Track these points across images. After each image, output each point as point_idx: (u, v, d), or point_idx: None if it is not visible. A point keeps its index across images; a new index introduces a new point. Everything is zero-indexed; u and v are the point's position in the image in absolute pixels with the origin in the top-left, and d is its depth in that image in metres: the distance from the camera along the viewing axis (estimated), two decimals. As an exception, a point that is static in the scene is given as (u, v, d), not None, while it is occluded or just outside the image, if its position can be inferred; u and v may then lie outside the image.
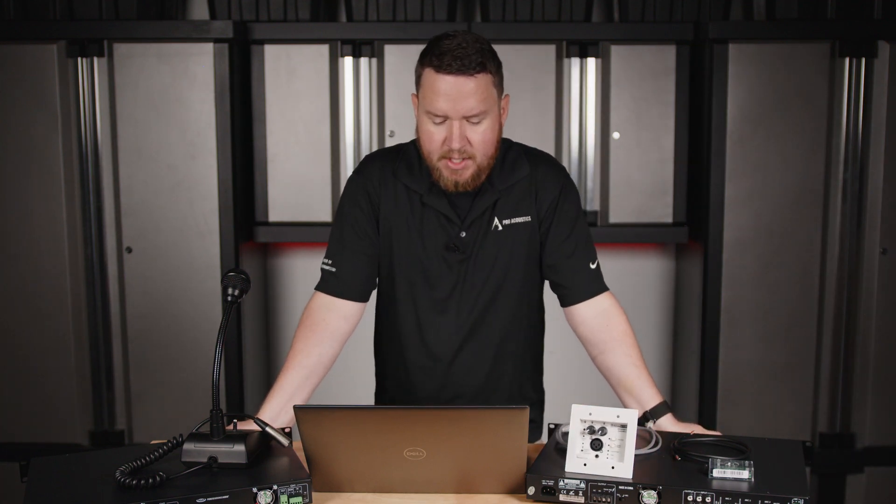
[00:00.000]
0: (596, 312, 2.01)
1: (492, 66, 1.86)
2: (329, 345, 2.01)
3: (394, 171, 2.01)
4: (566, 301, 2.04)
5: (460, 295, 2.01)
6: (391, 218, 2.01)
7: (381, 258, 2.04)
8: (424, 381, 2.05)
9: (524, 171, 2.00)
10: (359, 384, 3.36)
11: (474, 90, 1.82)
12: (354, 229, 2.03)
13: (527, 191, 2.00)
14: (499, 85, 1.89)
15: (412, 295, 2.03)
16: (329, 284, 2.04)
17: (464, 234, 1.98)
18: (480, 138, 1.87)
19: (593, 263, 2.03)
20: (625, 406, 1.92)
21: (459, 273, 2.00)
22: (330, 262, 2.05)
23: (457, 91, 1.82)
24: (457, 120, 1.84)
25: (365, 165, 2.06)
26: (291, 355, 1.99)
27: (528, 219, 2.00)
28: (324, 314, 2.02)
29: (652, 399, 1.90)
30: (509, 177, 1.99)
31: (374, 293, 2.13)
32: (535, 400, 2.17)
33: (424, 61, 1.86)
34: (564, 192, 2.02)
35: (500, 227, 1.99)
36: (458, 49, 1.82)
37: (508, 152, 2.01)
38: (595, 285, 2.03)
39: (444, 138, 1.86)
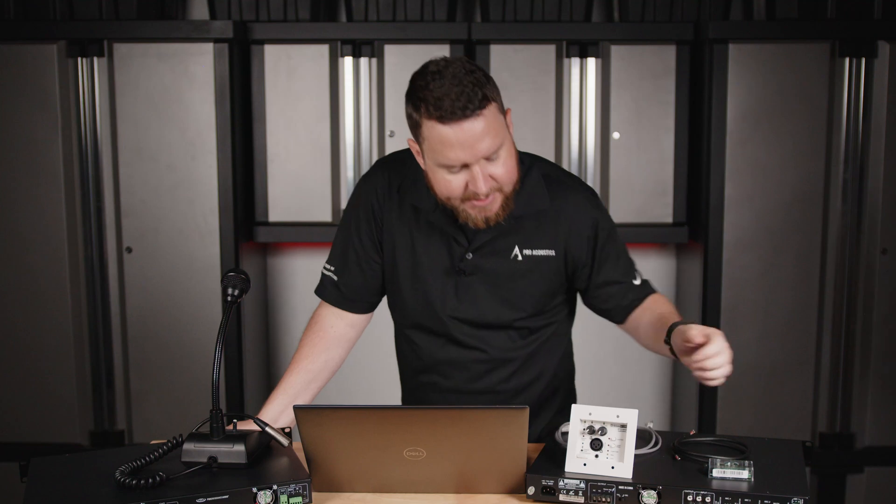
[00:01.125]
0: (640, 310, 1.95)
1: (492, 92, 1.72)
2: (335, 351, 2.01)
3: (399, 185, 1.93)
4: (615, 320, 1.99)
5: (469, 320, 1.93)
6: (395, 235, 1.94)
7: (387, 273, 1.98)
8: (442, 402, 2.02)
9: (543, 202, 1.88)
10: (359, 384, 3.36)
11: (486, 128, 1.69)
12: (359, 237, 1.97)
13: (551, 223, 1.89)
14: (502, 107, 1.76)
15: (418, 318, 1.97)
16: (333, 296, 2.01)
17: (470, 256, 1.89)
18: (503, 170, 1.75)
19: (637, 279, 1.96)
20: (663, 352, 1.83)
21: (468, 299, 1.92)
22: (332, 269, 2.01)
23: (469, 136, 1.69)
24: (476, 164, 1.72)
25: (373, 173, 1.99)
26: (297, 359, 1.98)
27: (551, 253, 1.90)
28: (332, 321, 2.01)
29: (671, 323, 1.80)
30: (526, 205, 1.86)
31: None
32: (561, 410, 2.08)
33: (420, 111, 1.72)
34: (600, 227, 1.92)
35: (521, 258, 1.89)
36: (453, 90, 1.67)
37: (527, 177, 1.88)
38: (639, 296, 1.95)
39: (466, 184, 1.74)
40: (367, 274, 1.98)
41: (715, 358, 1.64)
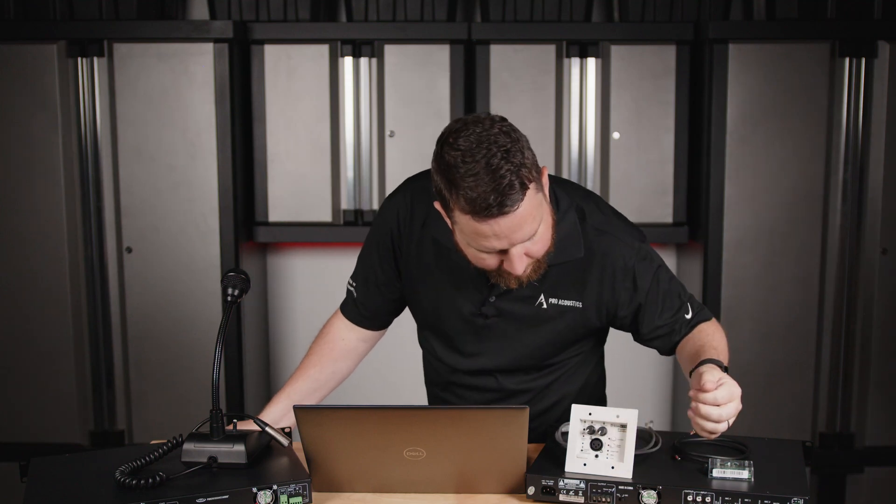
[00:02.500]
0: (684, 341, 1.84)
1: (529, 172, 1.55)
2: (344, 363, 2.01)
3: (424, 218, 1.81)
4: (663, 354, 1.89)
5: (486, 360, 1.88)
6: (413, 270, 1.87)
7: (408, 299, 1.94)
8: None
9: (576, 251, 1.76)
10: (359, 385, 3.36)
11: (524, 218, 1.56)
12: (380, 256, 1.91)
13: (582, 273, 1.78)
14: (538, 179, 1.60)
15: (439, 349, 1.95)
16: (350, 312, 1.99)
17: (493, 300, 1.81)
18: (539, 246, 1.65)
19: (688, 313, 1.84)
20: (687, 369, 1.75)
21: (487, 341, 1.86)
22: (354, 285, 1.97)
23: (507, 229, 1.56)
24: (513, 249, 1.61)
25: (398, 197, 1.87)
26: (304, 366, 1.97)
27: (578, 304, 1.80)
28: (343, 333, 2.01)
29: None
30: (560, 255, 1.74)
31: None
32: None
33: (453, 197, 1.55)
34: (639, 276, 1.80)
35: (546, 305, 1.80)
36: (489, 187, 1.51)
37: (561, 223, 1.74)
38: (687, 330, 1.84)
39: (500, 261, 1.64)
40: (385, 295, 1.96)
41: (713, 409, 1.54)
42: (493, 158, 1.53)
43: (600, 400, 2.08)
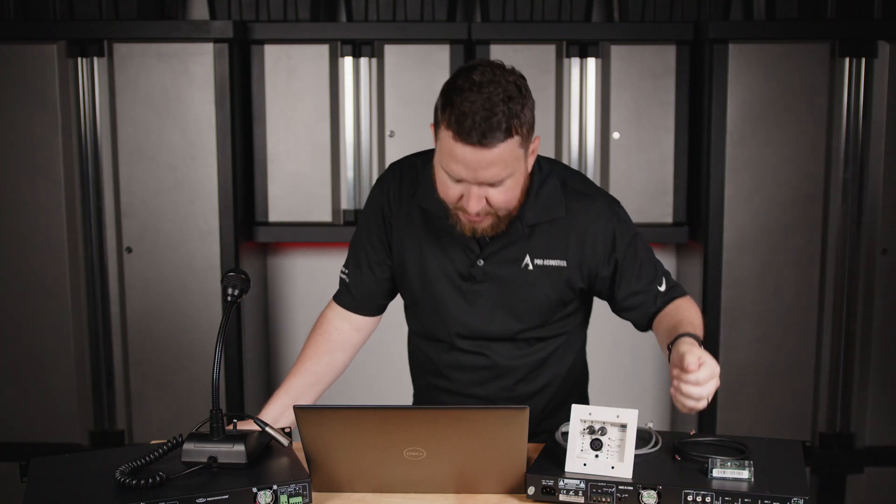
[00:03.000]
0: (662, 315, 1.90)
1: (520, 125, 1.66)
2: (340, 354, 2.00)
3: (412, 190, 1.89)
4: (639, 328, 1.96)
5: (477, 327, 1.92)
6: (404, 241, 1.92)
7: (397, 276, 1.97)
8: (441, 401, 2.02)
9: (558, 211, 1.84)
10: (359, 385, 3.36)
11: (496, 160, 1.65)
12: (369, 246, 1.96)
13: (564, 233, 1.85)
14: (528, 134, 1.70)
15: (425, 320, 1.97)
16: (343, 299, 2.01)
17: (481, 263, 1.86)
18: (502, 198, 1.72)
19: (662, 286, 1.91)
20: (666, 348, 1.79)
21: (477, 306, 1.90)
22: (346, 271, 2.01)
23: (476, 161, 1.65)
24: (475, 185, 1.69)
25: (386, 177, 1.95)
26: (300, 360, 1.98)
27: (562, 263, 1.86)
28: (337, 323, 2.01)
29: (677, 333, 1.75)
30: (541, 214, 1.83)
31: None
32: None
33: (445, 113, 1.65)
34: (618, 238, 1.87)
35: (532, 267, 1.86)
36: (480, 112, 1.61)
37: (544, 186, 1.84)
38: (664, 302, 1.91)
39: (461, 196, 1.71)
40: (377, 275, 1.98)
41: (694, 387, 1.60)
42: (494, 97, 1.63)
43: (582, 395, 2.10)
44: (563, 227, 1.85)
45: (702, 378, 1.60)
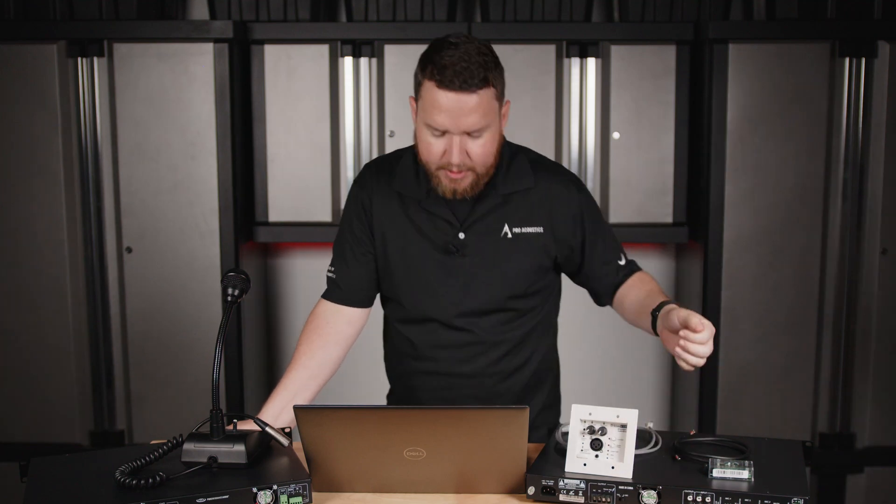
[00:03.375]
0: (626, 287, 2.02)
1: (495, 79, 1.83)
2: (333, 347, 2.02)
3: (389, 180, 2.01)
4: (602, 299, 2.07)
5: (463, 301, 1.98)
6: (385, 225, 2.01)
7: (379, 261, 2.04)
8: (433, 392, 2.05)
9: (529, 182, 1.98)
10: (360, 385, 3.36)
11: (476, 107, 1.80)
12: (353, 236, 2.04)
13: (539, 202, 1.98)
14: (501, 95, 1.87)
15: (411, 303, 2.02)
16: (332, 293, 2.07)
17: (462, 236, 1.96)
18: (480, 151, 1.85)
19: (622, 260, 2.05)
20: (641, 324, 1.92)
21: (462, 278, 1.97)
22: (333, 269, 2.07)
23: (458, 108, 1.80)
24: (457, 135, 1.83)
25: (362, 175, 2.07)
26: (295, 357, 2.00)
27: (539, 230, 1.98)
28: (327, 318, 2.04)
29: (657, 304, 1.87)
30: (513, 184, 1.97)
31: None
32: (548, 405, 2.15)
33: (425, 72, 1.82)
34: (585, 208, 2.01)
35: (511, 235, 1.97)
36: (460, 63, 1.78)
37: (514, 160, 1.99)
38: (626, 273, 2.04)
39: (444, 151, 1.85)
40: (362, 264, 2.04)
41: (700, 346, 1.69)
42: (471, 52, 1.81)
43: (556, 378, 2.18)
44: (535, 197, 1.98)
45: (706, 338, 1.70)
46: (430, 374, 2.04)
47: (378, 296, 2.12)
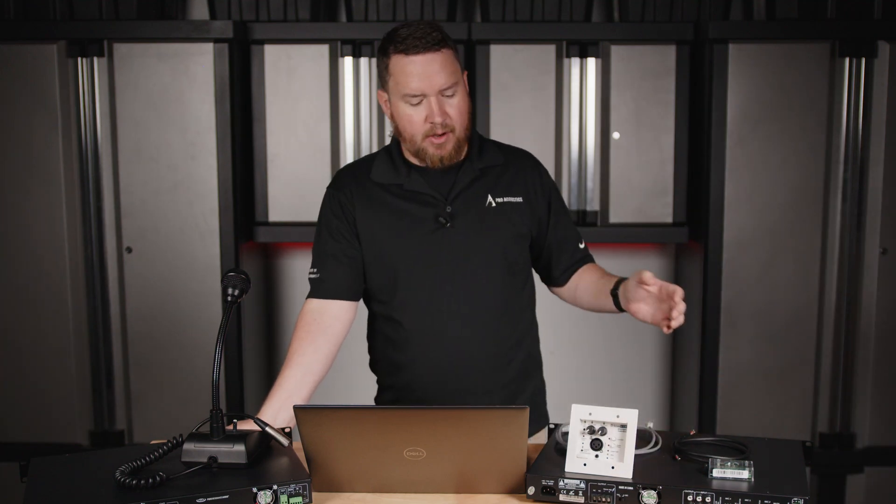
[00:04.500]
0: (579, 273, 2.15)
1: (453, 45, 1.99)
2: (323, 343, 2.02)
3: (367, 176, 2.08)
4: (559, 281, 2.16)
5: (455, 272, 2.03)
6: (371, 219, 2.05)
7: (367, 254, 2.06)
8: (429, 374, 2.06)
9: (499, 159, 2.10)
10: (359, 384, 3.36)
11: (442, 64, 1.94)
12: (332, 235, 2.07)
13: (514, 176, 2.10)
14: (460, 61, 2.02)
15: (402, 285, 2.04)
16: (316, 290, 2.08)
17: (449, 209, 2.02)
18: (456, 110, 1.97)
19: (581, 244, 2.17)
20: (603, 305, 2.04)
21: (453, 249, 2.02)
22: (315, 270, 2.10)
23: (428, 68, 1.93)
24: (433, 96, 1.94)
25: (336, 178, 2.13)
26: (288, 356, 2.01)
27: (520, 199, 2.08)
28: (315, 315, 2.05)
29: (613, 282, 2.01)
30: (487, 160, 2.09)
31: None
32: (538, 383, 2.19)
33: (388, 51, 1.96)
34: (550, 186, 2.14)
35: (494, 204, 2.05)
36: (417, 31, 1.94)
37: (483, 143, 2.12)
38: (582, 258, 2.16)
39: (426, 116, 1.96)
40: (344, 262, 2.06)
41: (683, 303, 1.81)
42: (422, 25, 1.96)
43: (540, 388, 2.21)
44: (510, 172, 2.10)
45: (680, 294, 1.82)
46: (424, 361, 2.05)
47: (361, 300, 2.13)
